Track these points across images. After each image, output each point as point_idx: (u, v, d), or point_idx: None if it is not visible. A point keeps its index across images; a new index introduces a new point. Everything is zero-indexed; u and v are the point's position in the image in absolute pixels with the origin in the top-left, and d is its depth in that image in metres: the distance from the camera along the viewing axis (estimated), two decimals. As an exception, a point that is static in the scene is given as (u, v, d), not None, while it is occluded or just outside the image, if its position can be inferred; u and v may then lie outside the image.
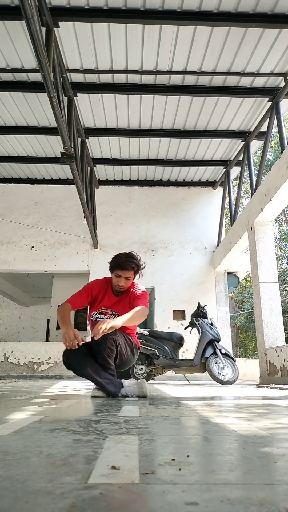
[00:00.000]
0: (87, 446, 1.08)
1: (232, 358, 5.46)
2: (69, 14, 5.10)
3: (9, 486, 0.69)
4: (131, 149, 8.70)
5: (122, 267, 2.92)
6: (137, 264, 3.00)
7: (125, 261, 2.93)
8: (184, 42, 5.64)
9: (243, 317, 20.62)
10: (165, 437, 1.21)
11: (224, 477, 0.76)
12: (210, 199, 10.31)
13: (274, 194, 6.00)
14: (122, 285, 2.96)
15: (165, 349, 5.74)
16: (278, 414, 1.86)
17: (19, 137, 8.18)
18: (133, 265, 2.96)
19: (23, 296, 15.03)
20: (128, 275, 2.95)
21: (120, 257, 2.99)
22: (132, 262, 2.95)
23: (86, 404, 2.38)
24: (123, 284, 2.96)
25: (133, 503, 0.61)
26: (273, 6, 5.05)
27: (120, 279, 2.95)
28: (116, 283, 2.98)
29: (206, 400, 2.74)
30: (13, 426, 1.41)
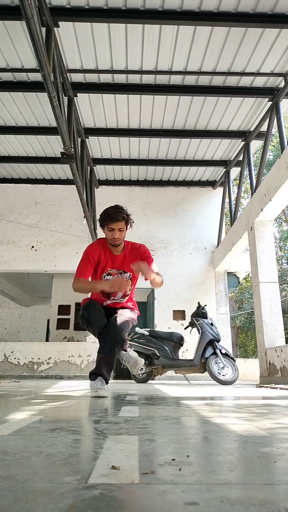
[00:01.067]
0: (87, 446, 1.08)
1: (232, 358, 5.46)
2: (69, 14, 5.10)
3: (9, 486, 0.69)
4: (131, 149, 8.70)
5: (113, 218, 2.91)
6: (127, 213, 3.00)
7: (115, 212, 2.92)
8: (184, 42, 5.64)
9: (243, 317, 20.62)
10: (165, 437, 1.21)
11: (224, 477, 0.76)
12: (210, 199, 10.31)
13: (274, 194, 6.00)
14: (118, 237, 2.95)
15: (165, 349, 5.74)
16: (278, 414, 1.86)
17: (19, 137, 8.18)
18: (124, 214, 2.95)
19: (23, 296, 15.02)
20: (121, 226, 2.94)
21: (108, 210, 2.98)
22: (121, 212, 2.94)
23: (86, 404, 2.38)
24: (118, 236, 2.95)
25: (133, 503, 0.61)
26: (273, 6, 5.05)
27: (114, 232, 2.93)
28: (111, 236, 2.96)
29: (206, 400, 2.74)
30: (13, 426, 1.41)
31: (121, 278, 2.94)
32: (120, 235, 2.96)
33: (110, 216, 2.92)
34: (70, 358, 8.96)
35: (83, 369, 8.89)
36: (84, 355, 9.02)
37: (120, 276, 3.04)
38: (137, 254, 3.06)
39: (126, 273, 3.07)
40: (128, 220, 3.01)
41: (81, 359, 8.98)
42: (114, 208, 2.97)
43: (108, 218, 2.93)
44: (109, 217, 2.92)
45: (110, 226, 2.93)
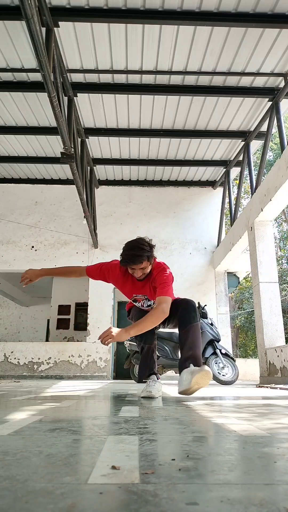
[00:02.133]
0: (87, 446, 1.08)
1: (232, 358, 5.46)
2: (69, 14, 5.10)
3: (9, 486, 0.69)
4: (131, 149, 8.70)
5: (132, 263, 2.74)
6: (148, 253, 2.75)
7: (134, 255, 2.71)
8: (184, 42, 5.64)
9: (243, 317, 20.62)
10: (165, 437, 1.21)
11: (224, 477, 0.76)
12: (210, 199, 10.31)
13: (274, 194, 6.00)
14: (140, 275, 2.84)
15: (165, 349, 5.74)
16: (278, 414, 1.86)
17: (19, 137, 8.18)
18: (143, 256, 2.73)
19: (23, 296, 15.02)
20: (142, 266, 2.78)
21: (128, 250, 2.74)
22: (141, 255, 2.71)
23: (86, 404, 2.38)
24: (141, 275, 2.84)
25: (133, 503, 0.61)
26: (273, 6, 5.05)
27: (136, 272, 2.82)
28: (134, 275, 2.87)
29: (206, 400, 2.74)
30: (13, 426, 1.41)
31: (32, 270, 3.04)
32: (144, 271, 2.83)
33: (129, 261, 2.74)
34: (70, 358, 8.96)
35: (83, 369, 8.89)
36: (84, 355, 9.02)
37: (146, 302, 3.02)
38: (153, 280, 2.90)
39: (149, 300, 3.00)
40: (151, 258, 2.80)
41: (81, 359, 8.98)
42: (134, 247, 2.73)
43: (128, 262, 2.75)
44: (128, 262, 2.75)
45: (131, 267, 2.79)
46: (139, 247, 2.73)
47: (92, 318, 9.33)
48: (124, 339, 2.56)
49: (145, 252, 2.74)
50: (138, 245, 2.75)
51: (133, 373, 6.24)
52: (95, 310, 9.36)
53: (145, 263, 2.78)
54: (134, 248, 2.74)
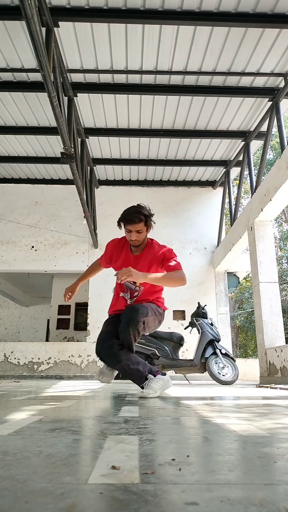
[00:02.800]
0: (87, 446, 1.08)
1: (232, 358, 5.46)
2: (69, 14, 5.10)
3: (9, 486, 0.69)
4: (131, 149, 8.70)
5: (129, 221, 2.80)
6: (145, 214, 2.85)
7: (132, 213, 2.81)
8: (184, 42, 5.63)
9: (243, 317, 20.62)
10: (165, 437, 1.21)
11: (224, 477, 0.76)
12: (210, 199, 10.31)
13: (274, 194, 6.00)
14: (135, 239, 2.87)
15: (165, 349, 5.74)
16: (278, 414, 1.86)
17: (19, 137, 8.18)
18: (141, 216, 2.81)
19: (23, 296, 15.03)
20: (138, 228, 2.83)
21: (127, 210, 2.87)
22: (139, 213, 2.81)
23: (86, 404, 2.38)
24: (136, 238, 2.87)
25: (133, 503, 0.61)
26: (273, 6, 5.05)
27: (132, 234, 2.85)
28: (129, 238, 2.89)
29: (206, 400, 2.74)
30: (13, 426, 1.41)
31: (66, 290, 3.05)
32: (138, 236, 2.87)
33: (126, 217, 2.82)
34: (70, 358, 8.96)
35: (83, 369, 8.89)
36: (84, 355, 9.02)
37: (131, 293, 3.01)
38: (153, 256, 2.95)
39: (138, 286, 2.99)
40: (148, 221, 2.88)
41: (81, 359, 8.98)
42: (133, 208, 2.86)
43: (124, 219, 2.84)
44: (125, 219, 2.83)
45: (127, 227, 2.85)
46: (137, 207, 2.87)
47: (92, 318, 9.33)
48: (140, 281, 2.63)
49: (143, 212, 2.84)
50: (137, 207, 2.90)
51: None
52: (95, 310, 9.36)
53: (141, 225, 2.84)
54: (133, 208, 2.87)
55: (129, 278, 2.59)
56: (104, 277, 9.41)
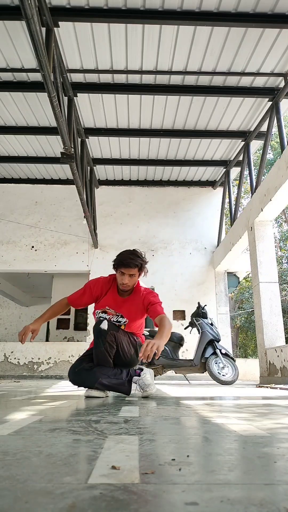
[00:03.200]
0: (87, 446, 1.08)
1: (232, 358, 5.45)
2: (69, 14, 5.10)
3: (9, 486, 0.69)
4: (131, 149, 8.70)
5: (126, 265, 2.86)
6: (141, 261, 2.93)
7: (129, 258, 2.87)
8: (184, 42, 5.63)
9: (243, 317, 20.62)
10: (165, 437, 1.21)
11: (224, 477, 0.76)
12: (210, 199, 10.31)
13: (274, 194, 6.00)
14: (127, 282, 2.90)
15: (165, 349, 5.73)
16: (278, 414, 1.86)
17: (19, 137, 8.18)
18: (137, 262, 2.89)
19: (23, 296, 15.03)
20: (132, 272, 2.89)
21: (123, 254, 2.93)
22: (136, 260, 2.88)
23: (86, 404, 2.38)
24: (127, 282, 2.90)
25: (133, 503, 0.61)
26: (273, 6, 5.05)
27: (124, 277, 2.89)
28: (121, 281, 2.92)
29: (206, 400, 2.74)
30: (13, 426, 1.41)
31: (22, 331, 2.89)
32: (130, 281, 2.91)
33: (123, 261, 2.87)
34: (70, 358, 8.96)
35: (83, 369, 8.88)
36: (84, 355, 9.01)
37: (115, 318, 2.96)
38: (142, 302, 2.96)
39: (122, 317, 2.99)
40: (142, 268, 2.94)
41: (81, 359, 8.97)
42: (130, 253, 2.92)
43: (121, 263, 2.88)
44: (121, 263, 2.88)
45: (121, 270, 2.89)
46: (135, 253, 2.94)
47: (92, 318, 9.30)
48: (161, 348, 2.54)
49: (139, 260, 2.91)
50: (135, 252, 2.97)
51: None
52: (95, 310, 9.34)
53: (136, 270, 2.91)
54: (131, 253, 2.94)
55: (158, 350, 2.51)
56: (104, 277, 9.42)
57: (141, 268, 2.95)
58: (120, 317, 2.98)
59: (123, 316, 2.98)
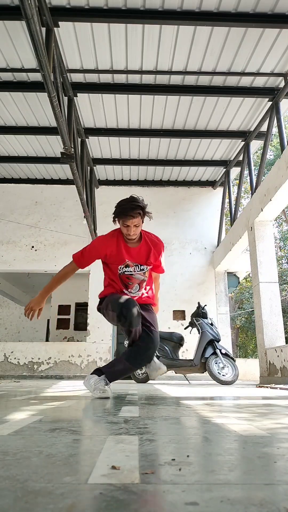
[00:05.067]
0: (87, 446, 1.08)
1: (232, 358, 5.46)
2: (69, 14, 5.10)
3: (9, 486, 0.69)
4: (131, 149, 8.70)
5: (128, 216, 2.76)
6: (143, 207, 2.82)
7: (129, 208, 2.75)
8: (184, 42, 5.63)
9: (243, 317, 20.62)
10: (165, 437, 1.21)
11: (224, 477, 0.76)
12: (210, 199, 10.31)
13: (274, 194, 6.00)
14: (133, 233, 2.83)
15: (165, 349, 5.74)
16: (278, 414, 1.86)
17: (19, 137, 8.18)
18: (139, 210, 2.78)
19: (23, 296, 15.03)
20: (136, 222, 2.79)
21: (123, 204, 2.80)
22: (137, 207, 2.77)
23: (86, 404, 2.38)
24: (134, 232, 2.83)
25: (133, 503, 0.61)
26: (273, 6, 5.05)
27: (130, 228, 2.79)
28: (126, 233, 2.83)
29: (206, 400, 2.74)
30: (13, 426, 1.41)
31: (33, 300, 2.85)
32: (136, 230, 2.83)
33: (125, 213, 2.76)
34: (70, 358, 8.96)
35: (83, 369, 8.89)
36: (84, 355, 9.02)
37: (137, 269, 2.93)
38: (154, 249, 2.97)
39: (141, 265, 2.96)
40: (145, 214, 2.86)
41: (81, 359, 8.98)
42: (129, 202, 2.79)
43: (123, 214, 2.78)
44: (123, 214, 2.77)
45: (125, 223, 2.79)
46: (133, 200, 2.82)
47: (92, 318, 9.33)
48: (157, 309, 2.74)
49: (139, 207, 2.80)
50: (132, 199, 2.83)
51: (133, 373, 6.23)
52: (95, 310, 9.32)
53: (139, 218, 2.82)
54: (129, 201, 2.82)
55: None
56: (104, 277, 9.42)
57: (143, 215, 2.86)
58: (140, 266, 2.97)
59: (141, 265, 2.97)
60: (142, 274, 2.97)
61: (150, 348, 2.82)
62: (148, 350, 2.82)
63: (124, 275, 2.95)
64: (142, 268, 2.96)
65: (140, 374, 6.19)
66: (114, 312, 2.78)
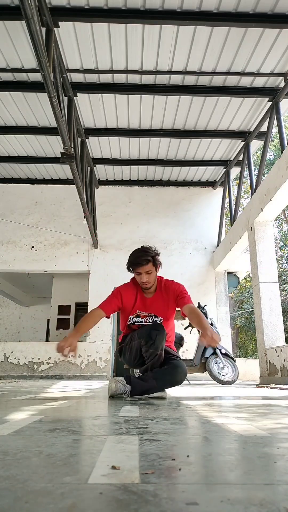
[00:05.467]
0: (87, 446, 1.08)
1: (232, 358, 5.45)
2: (69, 14, 5.10)
3: (9, 486, 0.69)
4: (131, 149, 8.70)
5: (137, 264, 2.81)
6: (152, 254, 2.87)
7: (138, 257, 2.82)
8: (184, 42, 5.63)
9: (243, 317, 20.62)
10: (165, 437, 1.21)
11: (224, 477, 0.76)
12: (210, 199, 10.31)
13: (274, 194, 6.00)
14: (146, 280, 2.85)
15: (165, 349, 5.72)
16: (278, 414, 1.86)
17: (19, 137, 8.18)
18: (148, 257, 2.83)
19: (23, 296, 15.03)
20: (148, 269, 2.83)
21: (132, 254, 2.89)
22: (145, 255, 2.83)
23: (86, 404, 2.38)
24: (147, 280, 2.84)
25: (133, 503, 0.61)
26: (273, 6, 5.05)
27: (142, 276, 2.83)
28: (140, 281, 2.87)
29: (206, 400, 2.74)
30: (13, 426, 1.41)
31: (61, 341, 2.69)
32: (149, 277, 2.85)
33: (134, 262, 2.83)
34: (70, 358, 8.96)
35: (83, 369, 8.90)
36: (84, 355, 9.02)
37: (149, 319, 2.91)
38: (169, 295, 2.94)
39: (156, 317, 2.93)
40: (156, 261, 2.89)
41: (81, 359, 8.99)
42: (139, 252, 2.87)
43: (132, 264, 2.85)
44: (133, 263, 2.84)
45: (136, 271, 2.85)
46: (143, 250, 2.89)
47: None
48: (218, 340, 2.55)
49: (149, 254, 2.85)
50: (143, 248, 2.92)
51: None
52: (95, 310, 9.34)
53: (150, 265, 2.84)
54: (139, 251, 2.89)
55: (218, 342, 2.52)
56: (104, 277, 9.42)
57: (155, 262, 2.88)
58: (155, 317, 2.94)
59: (157, 316, 2.93)
60: None
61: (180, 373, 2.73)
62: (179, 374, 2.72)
63: (135, 325, 2.94)
64: (155, 319, 2.93)
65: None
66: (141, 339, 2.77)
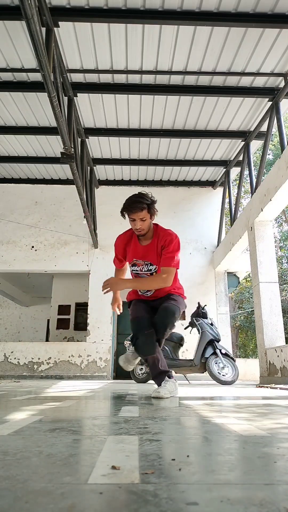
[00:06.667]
0: (87, 446, 1.08)
1: (232, 358, 5.46)
2: (69, 14, 5.10)
3: (9, 486, 0.69)
4: (131, 149, 8.70)
5: (131, 209, 2.75)
6: (148, 202, 2.79)
7: (133, 202, 2.75)
8: (184, 42, 5.63)
9: (243, 317, 20.61)
10: (165, 437, 1.21)
11: (224, 477, 0.76)
12: (210, 199, 10.31)
13: (274, 194, 6.00)
14: (140, 227, 2.80)
15: (165, 349, 5.73)
16: (278, 414, 1.86)
17: (19, 137, 8.18)
18: (143, 204, 2.75)
19: (23, 296, 15.03)
20: (142, 216, 2.76)
21: (128, 199, 2.80)
22: (141, 202, 2.75)
23: (86, 404, 2.38)
24: (140, 226, 2.80)
25: (133, 503, 0.61)
26: (273, 6, 5.05)
27: (136, 222, 2.78)
28: (134, 227, 2.83)
29: (206, 400, 2.74)
30: (13, 426, 1.41)
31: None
32: (143, 224, 2.79)
33: (129, 207, 2.75)
34: (70, 358, 8.96)
35: (83, 369, 8.89)
36: (84, 355, 9.02)
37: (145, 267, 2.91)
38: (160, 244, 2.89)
39: (152, 265, 2.91)
40: (151, 208, 2.82)
41: (81, 359, 8.98)
42: (134, 197, 2.79)
43: (126, 209, 2.77)
44: (127, 208, 2.76)
45: (130, 216, 2.78)
46: (139, 197, 2.81)
47: (92, 318, 9.33)
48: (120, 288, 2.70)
49: (144, 201, 2.79)
50: (138, 195, 2.84)
51: (133, 373, 6.24)
52: (95, 310, 9.36)
53: (144, 212, 2.79)
54: (134, 197, 2.82)
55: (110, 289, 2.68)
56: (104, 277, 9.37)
57: (150, 209, 2.82)
58: (150, 265, 2.93)
59: (152, 264, 2.92)
60: (148, 275, 2.92)
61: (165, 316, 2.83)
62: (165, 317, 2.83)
63: (132, 273, 2.99)
64: (150, 268, 2.93)
65: (140, 374, 6.19)
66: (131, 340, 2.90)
